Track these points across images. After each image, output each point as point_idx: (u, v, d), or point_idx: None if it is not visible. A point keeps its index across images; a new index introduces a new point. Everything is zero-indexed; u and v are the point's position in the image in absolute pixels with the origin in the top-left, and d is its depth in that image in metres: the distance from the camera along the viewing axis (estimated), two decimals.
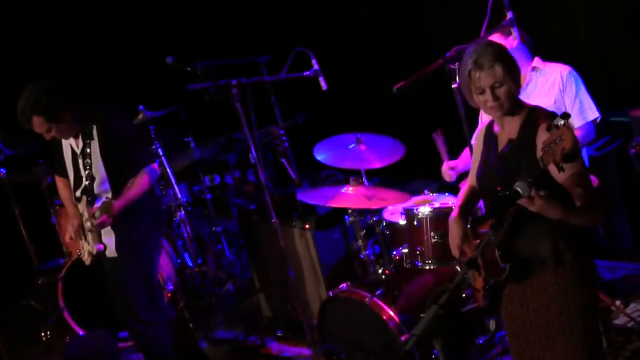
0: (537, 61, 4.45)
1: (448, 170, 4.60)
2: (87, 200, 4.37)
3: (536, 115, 3.08)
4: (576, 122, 4.31)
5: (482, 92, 3.08)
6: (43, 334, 5.87)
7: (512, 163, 3.09)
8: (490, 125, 3.28)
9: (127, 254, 4.45)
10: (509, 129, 3.16)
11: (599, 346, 3.24)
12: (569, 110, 4.30)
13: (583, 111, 4.37)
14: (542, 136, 2.96)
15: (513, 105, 3.11)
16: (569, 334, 3.10)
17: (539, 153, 2.84)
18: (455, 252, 3.35)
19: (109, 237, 4.43)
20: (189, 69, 5.74)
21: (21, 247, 6.08)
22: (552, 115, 3.06)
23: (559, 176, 2.95)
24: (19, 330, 6.05)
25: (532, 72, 4.40)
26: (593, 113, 4.39)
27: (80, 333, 5.60)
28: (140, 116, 5.78)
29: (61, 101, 4.27)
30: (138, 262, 4.48)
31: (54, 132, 4.33)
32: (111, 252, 4.45)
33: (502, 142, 3.19)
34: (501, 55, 3.07)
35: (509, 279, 3.16)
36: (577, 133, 3.17)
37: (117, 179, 4.37)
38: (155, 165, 4.47)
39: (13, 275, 6.76)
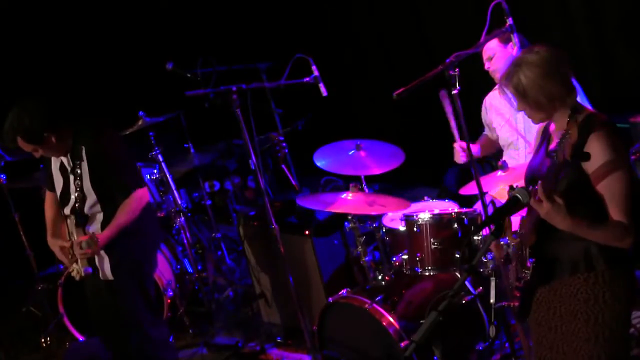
0: None
1: (460, 150, 4.51)
2: (76, 222, 4.32)
3: (592, 123, 2.99)
4: None
5: None
6: (43, 340, 5.87)
7: (555, 162, 3.03)
8: (548, 123, 3.26)
9: (124, 276, 4.37)
10: (561, 129, 3.11)
11: (625, 357, 3.16)
12: None
13: None
14: (592, 143, 2.92)
15: (545, 117, 3.11)
16: (594, 343, 3.07)
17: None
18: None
19: (102, 261, 4.36)
20: (189, 75, 5.75)
21: (21, 253, 6.08)
22: (608, 124, 3.02)
23: (595, 181, 2.95)
24: (19, 336, 6.05)
25: None
26: None
27: (80, 339, 5.60)
28: (140, 122, 5.78)
29: (45, 124, 4.19)
30: (136, 282, 4.42)
31: (41, 152, 4.29)
32: (105, 275, 4.37)
33: (553, 141, 3.18)
34: (526, 80, 3.03)
35: (536, 279, 3.12)
36: None
37: (108, 202, 4.30)
38: (145, 189, 4.37)
39: (13, 282, 6.76)
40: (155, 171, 5.96)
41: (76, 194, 4.27)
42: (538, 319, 3.22)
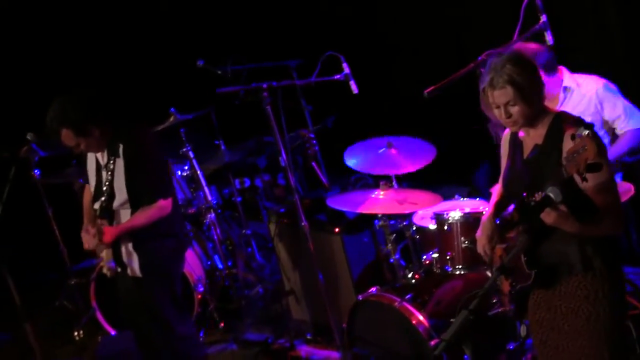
0: (566, 77, 4.36)
1: None
2: (101, 216, 4.32)
3: (562, 122, 3.09)
4: (630, 126, 4.25)
5: (497, 107, 3.13)
6: (76, 333, 5.92)
7: (538, 169, 3.11)
8: (515, 131, 3.28)
9: (152, 274, 4.38)
10: (534, 135, 3.17)
11: (626, 354, 3.21)
12: (615, 121, 4.26)
13: (633, 116, 4.30)
14: (567, 143, 2.97)
15: (529, 120, 3.13)
16: (597, 339, 3.10)
17: (563, 162, 2.85)
18: (480, 249, 3.36)
19: (130, 258, 4.37)
20: (219, 72, 5.78)
21: (54, 248, 6.14)
22: (578, 122, 3.08)
23: (583, 184, 2.96)
24: (53, 330, 6.10)
25: (565, 92, 4.33)
26: None
27: (112, 333, 5.65)
28: (172, 119, 5.82)
29: (91, 116, 4.21)
30: (164, 281, 4.43)
31: (83, 146, 4.28)
32: (134, 272, 4.39)
33: (527, 148, 3.21)
34: (517, 76, 3.06)
35: (535, 285, 3.16)
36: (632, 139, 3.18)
37: (136, 202, 4.30)
38: (169, 201, 4.32)
39: (46, 276, 6.83)
40: (186, 168, 6.00)
41: (104, 188, 4.31)
42: (539, 320, 3.24)
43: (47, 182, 6.04)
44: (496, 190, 3.50)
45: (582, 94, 4.31)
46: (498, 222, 3.30)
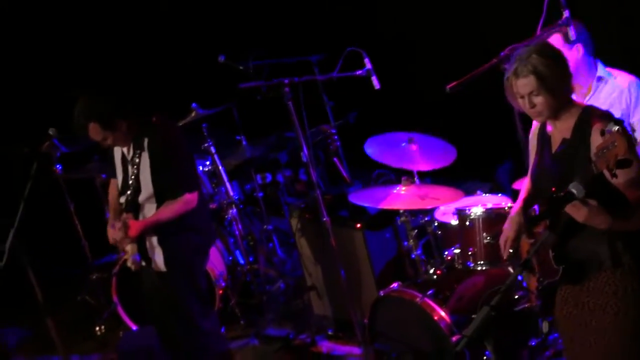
0: (600, 68, 4.33)
1: None
2: (127, 210, 4.34)
3: (590, 115, 3.07)
4: None
5: (522, 97, 3.12)
6: (97, 328, 5.96)
7: (566, 163, 3.08)
8: (543, 125, 3.27)
9: (176, 269, 4.39)
10: (561, 129, 3.15)
11: None
12: (633, 124, 4.23)
13: None
14: (595, 137, 2.95)
15: (554, 112, 3.11)
16: (625, 336, 3.07)
17: (593, 158, 2.82)
18: (502, 240, 3.32)
19: (154, 252, 4.39)
20: (241, 67, 5.79)
21: (76, 243, 6.17)
22: (606, 116, 3.06)
23: (613, 180, 2.92)
24: (74, 325, 6.14)
25: (598, 82, 4.29)
26: None
27: (134, 328, 5.67)
28: (193, 114, 5.83)
29: (117, 109, 4.24)
30: (188, 276, 4.44)
31: (110, 141, 4.30)
32: (158, 266, 4.40)
33: (555, 142, 3.19)
34: (541, 66, 3.04)
35: (563, 281, 3.13)
36: None
37: (161, 195, 4.32)
38: (195, 195, 4.32)
39: (68, 271, 6.87)
40: (207, 163, 6.02)
41: (130, 182, 4.33)
42: (566, 316, 3.21)
43: (69, 177, 6.07)
44: (524, 185, 3.47)
45: (616, 85, 4.27)
46: (526, 217, 3.28)
